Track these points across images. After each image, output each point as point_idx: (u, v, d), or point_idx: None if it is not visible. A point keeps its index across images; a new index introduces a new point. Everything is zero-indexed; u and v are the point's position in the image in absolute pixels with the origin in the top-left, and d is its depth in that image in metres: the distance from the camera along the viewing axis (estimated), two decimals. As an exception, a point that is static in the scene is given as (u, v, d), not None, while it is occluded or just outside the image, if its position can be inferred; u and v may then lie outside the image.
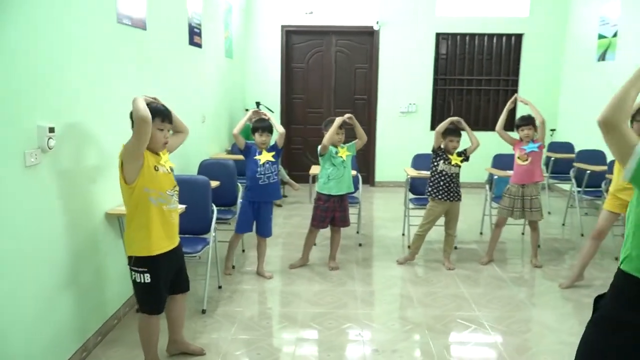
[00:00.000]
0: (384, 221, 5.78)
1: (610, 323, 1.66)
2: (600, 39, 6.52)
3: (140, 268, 2.55)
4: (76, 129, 2.80)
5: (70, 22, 2.71)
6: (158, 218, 2.55)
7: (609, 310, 1.68)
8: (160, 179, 2.56)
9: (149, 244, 2.54)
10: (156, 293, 2.62)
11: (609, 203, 3.88)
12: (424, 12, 7.50)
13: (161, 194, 2.55)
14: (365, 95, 7.89)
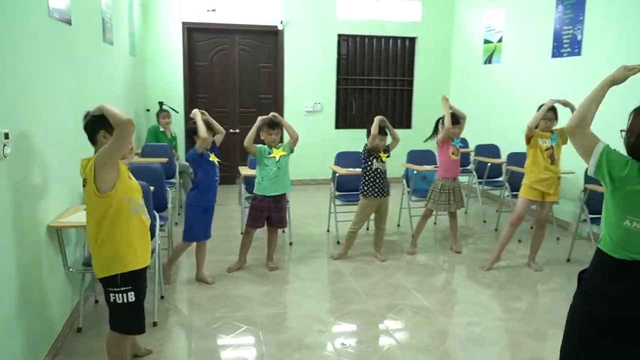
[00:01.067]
0: (307, 219, 5.87)
1: (592, 293, 1.92)
2: (486, 44, 7.24)
3: (123, 287, 2.33)
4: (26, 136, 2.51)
5: (14, 15, 2.42)
6: (138, 228, 2.38)
7: (590, 282, 1.94)
8: (135, 187, 2.41)
9: (135, 257, 2.35)
10: (140, 311, 2.45)
11: (525, 192, 4.34)
12: (326, 14, 7.71)
13: (138, 203, 2.39)
14: (270, 95, 7.91)
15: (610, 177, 1.76)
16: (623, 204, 1.77)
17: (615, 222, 1.79)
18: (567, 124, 1.87)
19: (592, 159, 1.80)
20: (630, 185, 1.74)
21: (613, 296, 1.82)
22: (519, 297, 4.00)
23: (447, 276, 4.36)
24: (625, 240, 1.78)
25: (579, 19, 5.49)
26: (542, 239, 4.48)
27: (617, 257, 1.80)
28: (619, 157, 1.78)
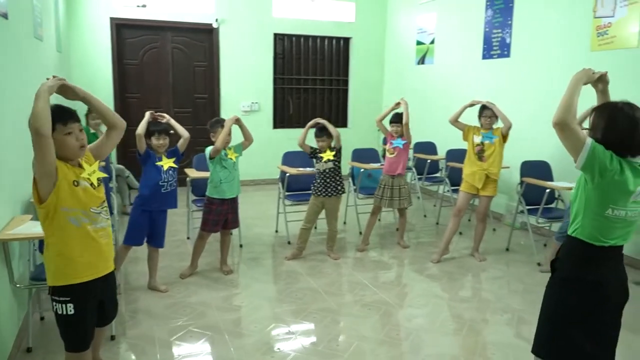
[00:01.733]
0: (252, 220, 5.80)
1: (567, 282, 2.06)
2: (419, 45, 7.50)
3: (61, 297, 2.18)
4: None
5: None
6: (82, 241, 2.16)
7: (565, 269, 2.08)
8: (82, 196, 2.14)
9: (74, 271, 2.17)
10: (81, 326, 2.25)
11: (465, 186, 4.57)
12: (261, 13, 7.65)
13: (84, 213, 2.15)
14: (206, 94, 7.72)
15: (599, 169, 1.88)
16: (607, 194, 1.91)
17: (598, 211, 1.93)
18: (554, 118, 1.93)
19: (582, 153, 1.88)
20: (616, 176, 1.88)
21: (592, 280, 1.97)
22: (468, 286, 4.21)
23: (399, 270, 4.48)
24: (605, 228, 1.93)
25: (507, 23, 5.84)
26: (483, 230, 4.72)
27: (596, 244, 1.95)
28: (604, 151, 1.90)
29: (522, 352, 3.06)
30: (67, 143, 2.11)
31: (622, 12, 4.52)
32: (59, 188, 2.06)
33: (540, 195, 4.59)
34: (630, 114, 1.92)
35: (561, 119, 1.93)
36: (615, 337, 2.06)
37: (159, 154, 3.70)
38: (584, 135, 1.95)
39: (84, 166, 2.21)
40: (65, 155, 2.12)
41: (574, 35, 5.03)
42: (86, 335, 2.29)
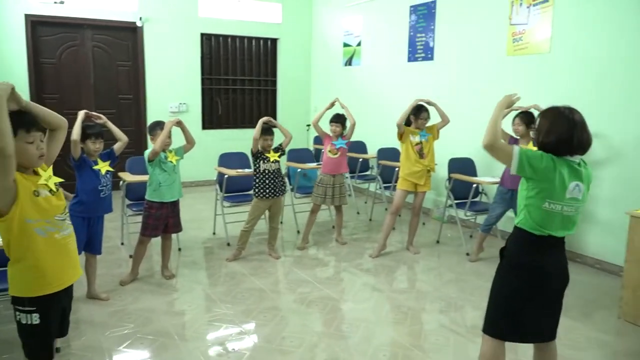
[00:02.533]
0: (188, 223, 5.65)
1: (514, 267, 2.28)
2: (345, 47, 7.71)
3: (26, 307, 2.10)
4: None
5: None
6: (51, 250, 2.10)
7: (511, 256, 2.30)
8: (44, 205, 2.08)
9: (45, 282, 2.11)
10: (46, 338, 2.19)
11: (400, 184, 4.80)
12: (187, 12, 7.52)
13: (49, 222, 2.09)
14: (131, 95, 7.47)
15: (532, 170, 2.11)
16: (542, 190, 2.13)
17: (537, 204, 2.16)
18: (483, 142, 2.16)
19: (513, 161, 2.12)
20: (549, 173, 2.11)
21: (535, 266, 2.19)
22: (405, 278, 4.44)
23: (339, 266, 4.62)
24: (544, 219, 2.16)
25: (430, 28, 6.18)
26: (417, 225, 4.98)
27: (537, 234, 2.17)
28: (534, 152, 2.14)
29: (459, 334, 3.31)
30: (28, 152, 2.02)
31: (534, 20, 4.95)
32: (20, 200, 1.97)
33: (467, 190, 4.92)
34: (570, 117, 2.16)
35: (489, 142, 2.16)
36: (556, 316, 2.31)
37: (94, 157, 3.57)
38: (510, 147, 2.17)
39: (39, 173, 2.12)
40: (22, 163, 2.01)
41: (491, 41, 5.43)
42: (48, 346, 2.22)
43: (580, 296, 3.91)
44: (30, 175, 2.09)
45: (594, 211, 4.50)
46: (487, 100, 5.45)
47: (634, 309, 3.50)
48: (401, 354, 3.08)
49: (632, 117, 4.25)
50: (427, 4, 6.19)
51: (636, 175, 4.24)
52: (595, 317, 3.62)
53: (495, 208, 4.54)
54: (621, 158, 4.36)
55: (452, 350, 3.13)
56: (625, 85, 4.28)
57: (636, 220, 3.47)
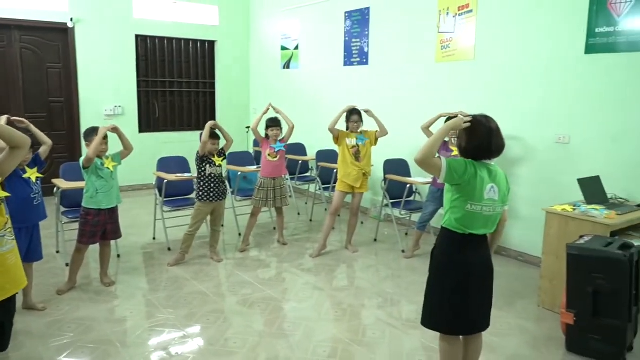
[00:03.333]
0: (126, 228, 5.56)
1: (442, 264, 2.48)
2: (283, 50, 7.82)
3: None
4: None
5: None
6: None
7: (440, 254, 2.49)
8: None
9: None
10: None
11: (338, 186, 4.97)
12: (121, 13, 7.37)
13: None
14: (62, 98, 7.23)
15: (458, 177, 2.31)
16: (467, 193, 2.34)
17: (460, 206, 2.36)
18: (418, 157, 2.31)
19: (442, 173, 2.30)
20: (471, 179, 2.32)
21: (461, 261, 2.40)
22: (344, 276, 4.61)
23: (280, 267, 4.73)
24: (467, 220, 2.37)
25: (365, 34, 6.40)
26: (355, 224, 5.17)
27: (460, 233, 2.38)
28: (458, 161, 2.34)
29: (395, 328, 3.51)
30: None
31: (460, 29, 5.26)
32: None
33: (401, 190, 5.16)
34: (487, 125, 2.37)
35: (423, 159, 2.31)
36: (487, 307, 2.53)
37: (21, 166, 3.48)
38: (439, 160, 2.34)
39: None
40: None
41: (422, 47, 5.71)
42: None
43: (504, 287, 4.22)
44: None
45: (515, 208, 4.85)
46: (419, 104, 5.77)
47: (550, 297, 3.83)
48: (341, 348, 3.23)
49: (546, 121, 4.61)
50: (361, 10, 6.41)
51: (550, 174, 4.62)
52: (517, 306, 3.93)
53: (428, 206, 4.79)
54: (537, 159, 4.73)
55: (388, 343, 3.32)
56: (541, 92, 4.65)
57: (551, 215, 3.80)
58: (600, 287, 3.09)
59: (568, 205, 3.87)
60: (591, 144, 4.34)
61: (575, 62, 4.39)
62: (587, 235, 3.40)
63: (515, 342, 3.37)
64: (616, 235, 3.51)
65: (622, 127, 4.14)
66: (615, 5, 4.10)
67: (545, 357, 3.19)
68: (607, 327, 3.09)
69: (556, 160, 4.58)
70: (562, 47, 4.46)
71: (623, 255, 3.04)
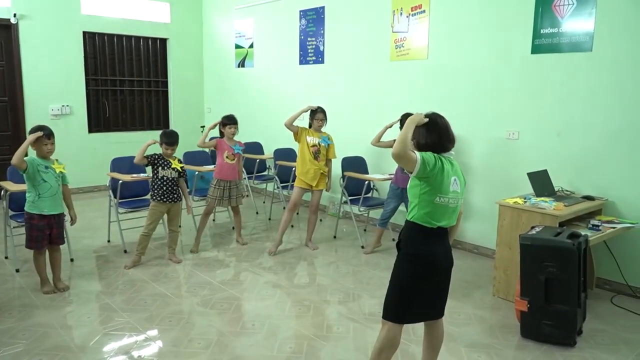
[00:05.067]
0: (79, 231, 5.43)
1: (410, 256, 2.54)
2: (238, 49, 7.76)
3: None
4: None
5: None
6: None
7: (407, 248, 2.55)
8: None
9: None
10: None
11: (298, 182, 4.99)
12: (67, 9, 7.12)
13: None
14: (6, 97, 6.91)
15: (430, 169, 2.37)
16: (435, 186, 2.41)
17: (429, 200, 2.42)
18: (394, 151, 2.33)
19: (416, 166, 2.35)
20: (439, 172, 2.39)
21: (426, 253, 2.47)
22: (305, 273, 4.64)
23: (241, 266, 4.70)
24: (435, 212, 2.44)
25: (320, 32, 6.44)
26: (315, 222, 5.20)
27: (428, 226, 2.45)
28: (428, 155, 2.40)
29: (358, 322, 3.58)
30: None
31: (413, 29, 5.39)
32: None
33: (360, 187, 5.24)
34: (441, 120, 2.48)
35: (399, 152, 2.34)
36: (445, 296, 2.61)
37: None
38: (414, 154, 2.39)
39: None
40: None
41: (376, 47, 5.81)
42: None
43: (460, 278, 4.36)
44: None
45: (470, 202, 5.02)
46: (375, 102, 5.87)
47: (505, 286, 3.99)
48: (306, 344, 3.25)
49: (497, 118, 4.80)
50: (316, 9, 6.45)
51: (502, 169, 4.81)
52: (474, 296, 4.08)
53: (390, 203, 4.88)
54: (489, 155, 4.91)
55: (352, 337, 3.37)
56: (491, 90, 4.83)
57: (504, 208, 3.96)
58: (551, 274, 3.25)
59: (519, 198, 4.04)
60: (539, 139, 4.55)
61: (522, 61, 4.58)
62: (537, 226, 3.57)
63: (474, 331, 3.49)
64: (564, 226, 3.69)
65: (567, 123, 4.36)
66: (559, 8, 4.31)
67: (502, 344, 3.32)
68: (559, 313, 3.25)
69: (507, 156, 4.78)
70: (511, 47, 4.65)
71: (572, 244, 3.20)
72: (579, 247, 3.24)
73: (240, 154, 5.04)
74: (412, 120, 2.46)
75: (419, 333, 3.20)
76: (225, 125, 4.98)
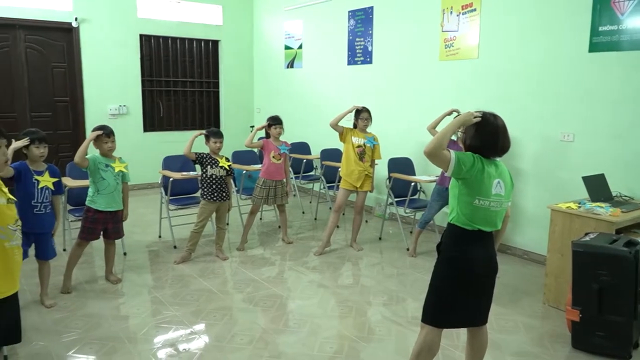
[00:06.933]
0: (132, 227, 5.63)
1: (449, 259, 2.49)
2: (287, 50, 7.84)
3: None
4: None
5: None
6: None
7: (446, 250, 2.51)
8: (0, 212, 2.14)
9: None
10: None
11: (343, 184, 4.99)
12: (125, 13, 7.40)
13: (2, 229, 2.14)
14: (67, 97, 7.26)
15: (466, 170, 2.31)
16: (474, 188, 2.35)
17: (468, 202, 2.37)
18: (427, 149, 2.28)
19: (450, 165, 2.29)
20: (479, 173, 2.33)
21: (466, 257, 2.41)
22: (349, 274, 4.63)
23: (285, 265, 4.75)
24: (474, 215, 2.37)
25: (368, 33, 6.41)
26: (360, 223, 5.18)
27: (468, 229, 2.39)
28: (466, 155, 2.34)
29: (401, 325, 3.53)
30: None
31: (464, 28, 5.28)
32: None
33: (406, 189, 5.18)
34: (494, 123, 2.38)
35: (432, 152, 2.28)
36: (487, 303, 2.54)
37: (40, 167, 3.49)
38: (448, 153, 2.31)
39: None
40: None
41: (425, 46, 5.72)
42: None
43: (508, 285, 4.23)
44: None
45: (520, 206, 4.87)
46: (422, 103, 5.79)
47: (555, 294, 3.85)
48: (347, 345, 3.25)
49: (550, 119, 4.63)
50: (365, 9, 6.43)
51: (555, 172, 4.63)
52: (522, 303, 3.95)
53: (433, 205, 4.80)
54: (541, 157, 4.74)
55: (394, 340, 3.33)
56: (544, 90, 4.66)
57: (556, 213, 3.81)
58: (605, 283, 3.10)
59: (573, 202, 3.88)
60: (595, 142, 4.35)
61: (579, 60, 4.40)
62: (592, 232, 3.42)
63: (521, 339, 3.38)
64: (621, 233, 3.52)
65: (626, 124, 4.15)
66: (619, 4, 4.11)
67: (551, 354, 3.20)
68: (612, 324, 3.10)
69: (560, 158, 4.60)
70: (566, 46, 4.47)
71: (628, 252, 3.05)
72: (636, 255, 3.08)
73: (286, 153, 5.09)
74: (458, 120, 2.39)
75: (462, 338, 3.13)
76: (270, 125, 5.04)
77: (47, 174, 3.55)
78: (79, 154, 3.79)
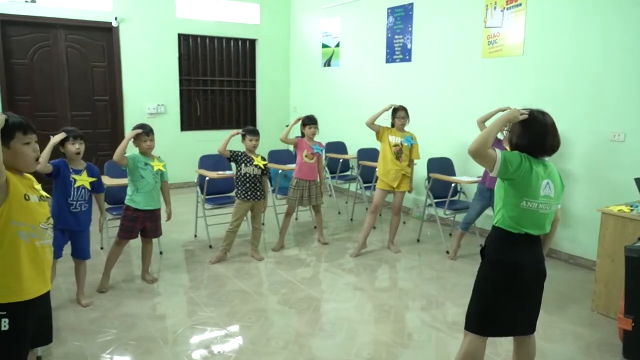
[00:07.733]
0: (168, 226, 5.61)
1: (493, 264, 2.35)
2: (324, 48, 7.76)
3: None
4: None
5: None
6: (30, 256, 2.09)
7: (490, 254, 2.37)
8: (32, 210, 2.09)
9: (19, 288, 2.09)
10: (14, 345, 2.11)
11: (380, 184, 4.87)
12: (164, 12, 7.46)
13: (33, 228, 2.09)
14: (107, 97, 7.38)
15: (513, 171, 2.18)
16: (521, 189, 2.21)
17: (515, 203, 2.23)
18: (471, 148, 2.18)
19: (496, 165, 2.17)
20: (526, 174, 2.19)
21: (512, 262, 2.27)
22: (387, 277, 4.51)
23: (321, 266, 4.67)
24: (521, 218, 2.24)
25: (408, 30, 6.26)
26: (398, 224, 5.05)
27: (515, 232, 2.25)
28: (513, 155, 2.21)
29: (441, 331, 3.39)
30: (25, 154, 2.06)
31: (508, 24, 5.07)
32: (10, 200, 1.98)
33: (446, 190, 5.01)
34: (543, 121, 2.24)
35: (477, 151, 2.17)
36: (535, 311, 2.39)
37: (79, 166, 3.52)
38: (494, 152, 2.20)
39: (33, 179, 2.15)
40: (17, 166, 2.05)
41: (467, 43, 5.54)
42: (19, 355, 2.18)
43: (555, 291, 4.03)
44: (25, 179, 2.11)
45: (567, 209, 4.64)
46: (464, 102, 5.60)
47: (606, 301, 3.63)
48: (385, 351, 3.14)
49: (600, 118, 4.39)
50: (405, 6, 6.28)
51: (605, 174, 4.39)
52: (569, 311, 3.75)
53: (475, 206, 4.63)
54: (591, 158, 4.50)
55: (434, 347, 3.21)
56: (594, 87, 4.42)
57: (607, 217, 3.60)
58: (664, 294, 2.89)
59: (625, 206, 3.66)
60: (651, 142, 4.10)
61: (630, 56, 4.15)
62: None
63: (568, 348, 3.20)
64: (679, 239, 3.29)
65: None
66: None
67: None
68: (672, 337, 2.89)
69: (611, 159, 4.36)
70: (616, 41, 4.23)
71: (690, 260, 2.83)
72: (698, 264, 2.86)
73: (320, 154, 5.00)
74: (504, 117, 2.26)
75: (506, 347, 2.98)
76: (305, 125, 4.97)
77: (85, 173, 3.56)
78: (118, 152, 3.80)
